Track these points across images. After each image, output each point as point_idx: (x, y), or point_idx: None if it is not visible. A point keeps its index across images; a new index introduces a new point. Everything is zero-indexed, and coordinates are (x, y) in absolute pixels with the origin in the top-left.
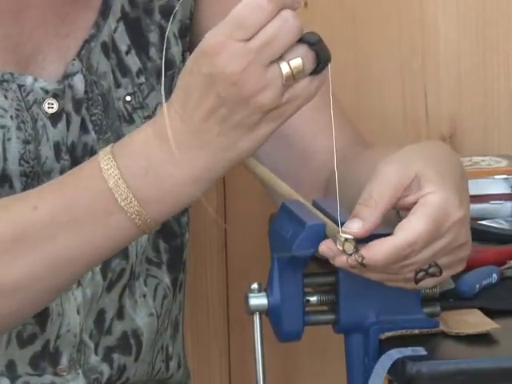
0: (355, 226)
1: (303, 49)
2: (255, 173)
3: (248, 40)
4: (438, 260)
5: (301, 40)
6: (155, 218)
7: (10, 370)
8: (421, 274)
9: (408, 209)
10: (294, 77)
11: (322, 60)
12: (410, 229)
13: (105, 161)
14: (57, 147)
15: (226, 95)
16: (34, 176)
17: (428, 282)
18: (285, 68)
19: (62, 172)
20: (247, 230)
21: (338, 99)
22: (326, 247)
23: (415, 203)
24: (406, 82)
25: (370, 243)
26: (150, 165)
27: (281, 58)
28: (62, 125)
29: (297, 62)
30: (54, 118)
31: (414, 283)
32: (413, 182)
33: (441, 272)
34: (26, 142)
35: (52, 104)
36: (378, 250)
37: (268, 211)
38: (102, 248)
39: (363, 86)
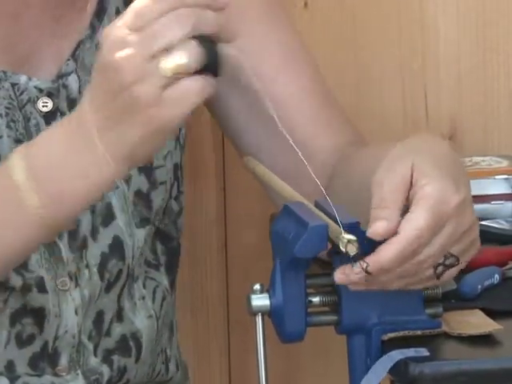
0: (380, 226)
1: (190, 45)
2: (255, 173)
3: (137, 30)
4: (451, 249)
5: (194, 38)
6: (49, 207)
7: (9, 370)
8: (440, 269)
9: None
10: (176, 69)
11: (211, 60)
12: (412, 225)
13: (13, 157)
14: None
15: (109, 82)
16: None
17: (451, 273)
18: (166, 62)
19: None
20: (247, 230)
21: (336, 98)
22: (341, 275)
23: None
24: (406, 82)
25: (377, 249)
26: (49, 158)
27: (167, 52)
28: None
29: (180, 58)
30: (48, 117)
31: (436, 279)
32: (411, 178)
33: (458, 260)
34: (18, 141)
35: (46, 103)
36: (383, 253)
37: (268, 211)
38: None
39: (363, 86)
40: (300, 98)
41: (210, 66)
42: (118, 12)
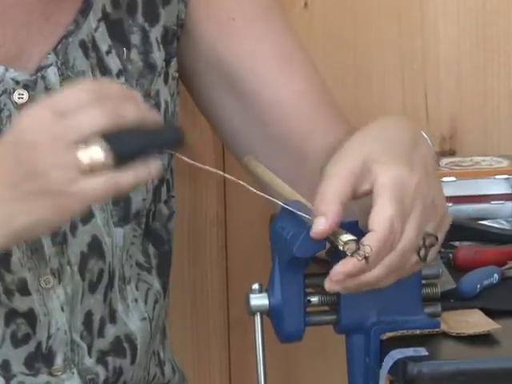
0: (321, 223)
1: (102, 142)
2: (255, 173)
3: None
4: (426, 229)
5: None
6: None
7: (5, 369)
8: (422, 252)
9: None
10: (91, 167)
11: (125, 156)
12: (381, 217)
13: None
14: None
15: (22, 160)
16: None
17: (433, 253)
18: (82, 155)
19: None
20: (247, 230)
21: (334, 98)
22: (336, 274)
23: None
24: (406, 82)
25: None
26: None
27: (85, 144)
28: None
29: (95, 153)
30: (22, 109)
31: (423, 262)
32: (364, 169)
33: (436, 238)
34: None
35: (22, 95)
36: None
37: (268, 211)
38: None
39: (363, 86)
40: (296, 99)
41: (131, 156)
42: (105, 10)
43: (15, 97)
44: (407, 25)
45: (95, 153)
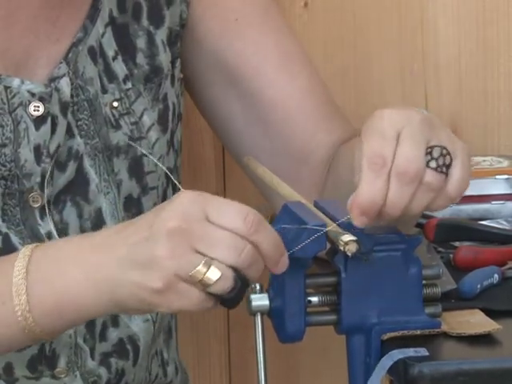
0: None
1: (229, 272)
2: (256, 174)
3: (210, 221)
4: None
5: (236, 270)
6: (39, 321)
7: (8, 373)
8: (434, 163)
9: None
10: (200, 280)
11: (231, 296)
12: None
13: (24, 249)
14: (37, 150)
15: (154, 232)
16: (13, 179)
17: (457, 172)
18: (201, 267)
19: (42, 175)
20: None
21: (333, 97)
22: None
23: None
24: (406, 82)
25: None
26: (53, 261)
27: (212, 259)
28: (45, 128)
29: (214, 273)
30: (39, 121)
31: (445, 176)
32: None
33: (445, 148)
34: (2, 146)
35: (38, 107)
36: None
37: (268, 211)
38: None
39: (363, 87)
40: (298, 97)
41: (225, 297)
42: (111, 14)
43: (31, 109)
44: (407, 25)
45: (213, 273)
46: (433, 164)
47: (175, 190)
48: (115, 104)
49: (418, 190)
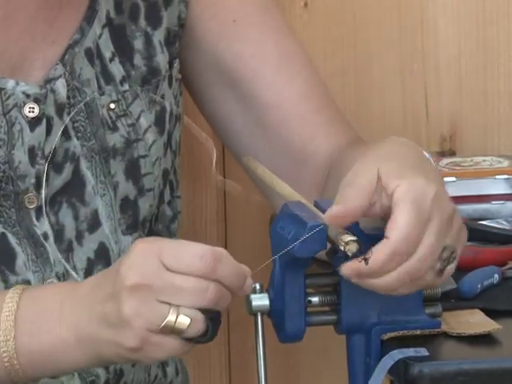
0: (335, 208)
1: (199, 315)
2: (256, 173)
3: (168, 269)
4: (444, 242)
5: (205, 311)
6: (25, 369)
7: None
8: (439, 264)
9: (385, 214)
10: (172, 329)
11: (206, 335)
12: (398, 225)
13: (12, 293)
14: (31, 152)
15: (116, 291)
16: (7, 180)
17: (451, 268)
18: (170, 317)
19: (37, 176)
20: (247, 230)
21: (333, 99)
22: (348, 269)
23: (389, 206)
24: (406, 82)
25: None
26: (40, 315)
27: (179, 306)
28: (40, 129)
29: (183, 320)
30: (34, 123)
31: (439, 275)
32: (380, 185)
33: (454, 251)
34: None
35: (33, 108)
36: (375, 255)
37: (268, 211)
38: None
39: (363, 87)
40: (296, 100)
41: (201, 337)
42: (109, 15)
43: (26, 110)
44: (407, 25)
45: (183, 320)
46: (439, 265)
47: (172, 191)
48: (112, 106)
49: (413, 284)
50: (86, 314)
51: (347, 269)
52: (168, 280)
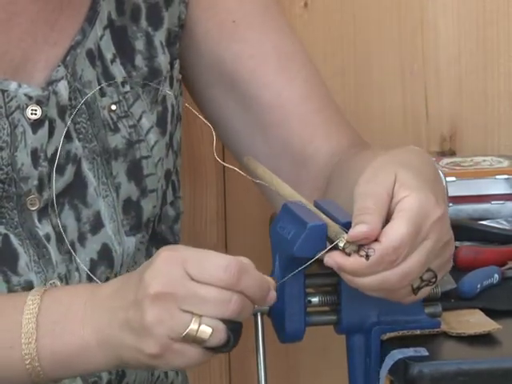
0: (361, 229)
1: (220, 325)
2: (256, 174)
3: (192, 279)
4: (431, 264)
5: (227, 321)
6: (46, 370)
7: None
8: (417, 283)
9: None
10: (194, 338)
11: (227, 345)
12: (393, 234)
13: (33, 295)
14: (34, 154)
15: (139, 299)
16: (10, 182)
17: (426, 291)
18: (192, 326)
19: (40, 178)
20: (247, 229)
21: (334, 100)
22: (331, 260)
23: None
24: (407, 83)
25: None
26: (64, 316)
27: (201, 316)
28: (43, 131)
29: (205, 329)
30: (36, 125)
31: (413, 294)
32: (394, 191)
33: (435, 276)
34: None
35: (35, 110)
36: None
37: (268, 211)
38: None
39: (363, 87)
40: (296, 101)
41: (222, 347)
42: (110, 17)
43: (28, 112)
44: (407, 25)
45: (205, 330)
46: (416, 284)
47: (175, 191)
48: (113, 107)
49: (387, 292)
50: (106, 317)
51: (330, 260)
52: (192, 289)
